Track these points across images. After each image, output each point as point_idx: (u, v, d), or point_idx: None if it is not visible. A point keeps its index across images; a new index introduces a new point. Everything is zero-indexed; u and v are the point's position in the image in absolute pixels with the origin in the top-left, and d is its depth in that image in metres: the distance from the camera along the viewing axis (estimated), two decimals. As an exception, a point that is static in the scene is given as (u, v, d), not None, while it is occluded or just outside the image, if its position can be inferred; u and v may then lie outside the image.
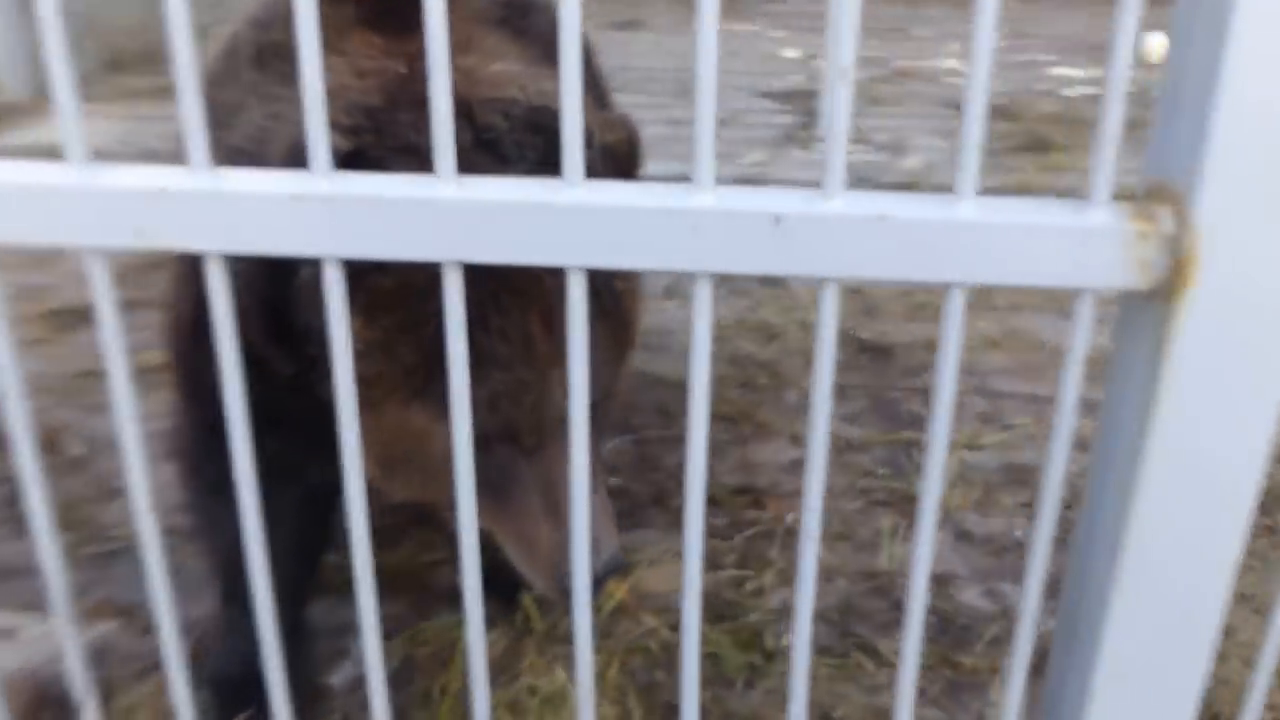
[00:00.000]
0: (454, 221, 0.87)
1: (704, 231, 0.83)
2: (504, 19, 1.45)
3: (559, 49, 0.80)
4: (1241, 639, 1.76)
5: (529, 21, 1.48)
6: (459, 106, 1.28)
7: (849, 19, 0.78)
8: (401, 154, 1.20)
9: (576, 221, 0.85)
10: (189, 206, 0.88)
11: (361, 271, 1.08)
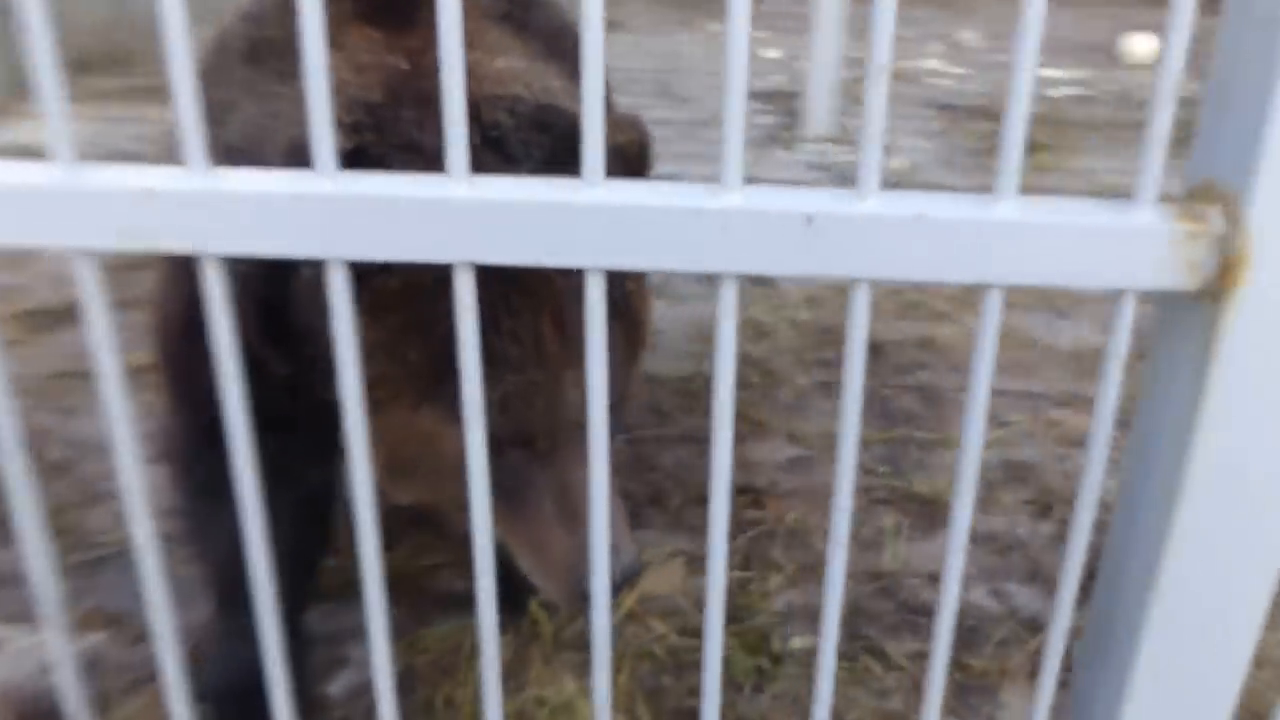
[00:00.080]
0: (466, 222, 0.84)
1: (732, 232, 0.80)
2: (506, 14, 1.42)
3: (581, 46, 0.77)
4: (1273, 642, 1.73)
5: (531, 16, 1.45)
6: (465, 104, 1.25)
7: (883, 15, 0.75)
8: (404, 152, 1.16)
9: (597, 221, 0.82)
10: (186, 206, 0.85)
11: (366, 271, 1.04)
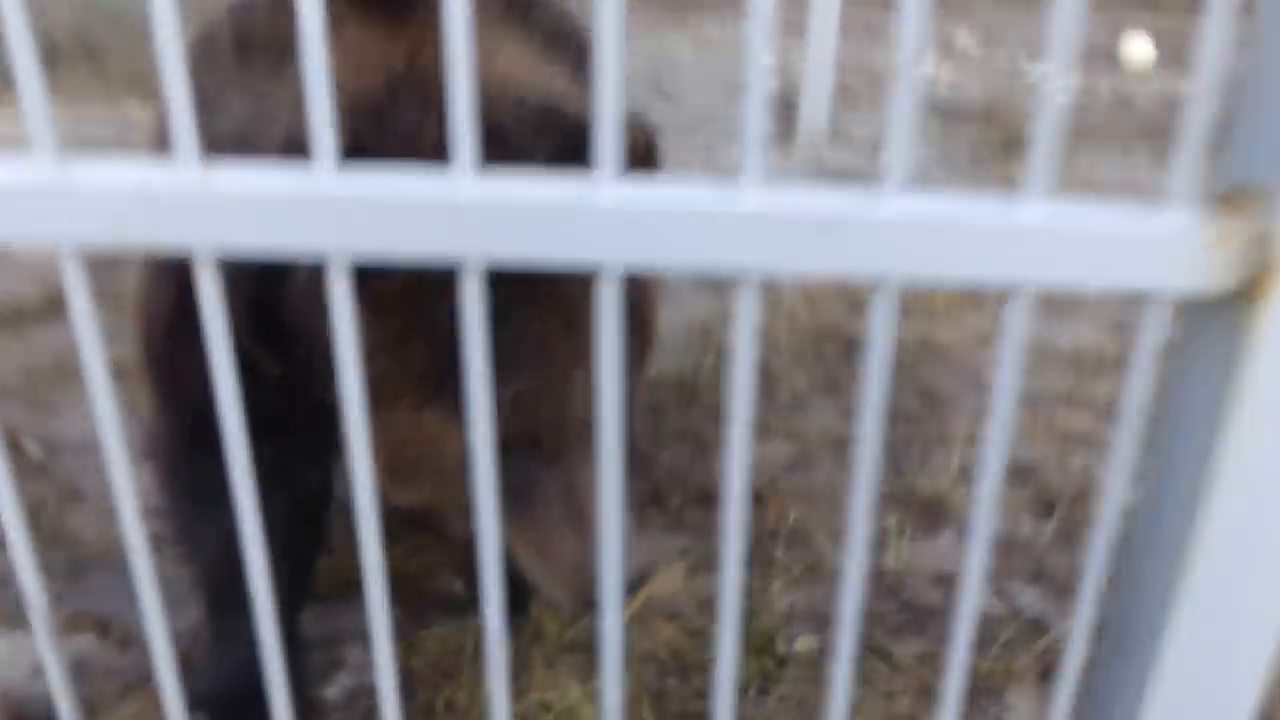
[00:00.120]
0: (476, 221, 0.81)
1: (752, 232, 0.78)
2: (506, 10, 1.39)
3: (596, 41, 0.75)
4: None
5: (532, 13, 1.42)
6: None
7: (910, 12, 0.73)
8: (404, 147, 1.14)
9: (614, 222, 0.80)
10: (181, 203, 0.82)
11: (368, 269, 1.02)
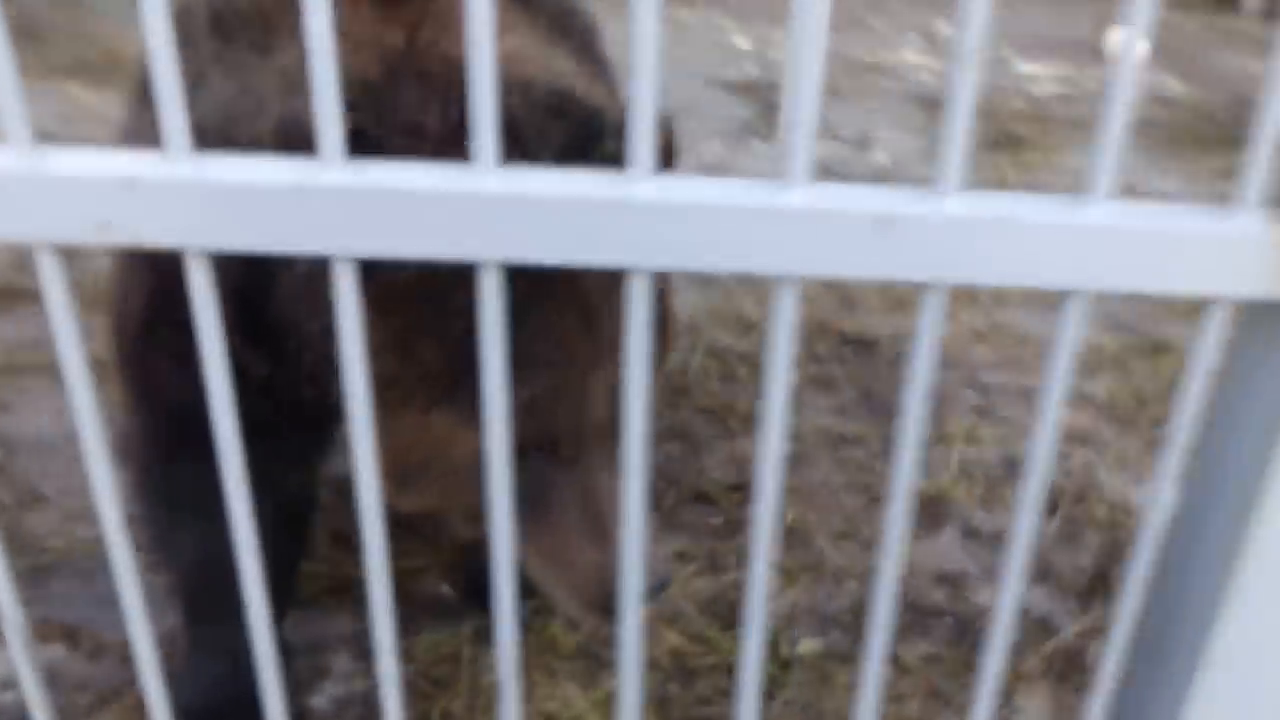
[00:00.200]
0: (497, 218, 0.77)
1: (797, 232, 0.74)
2: None
3: (632, 25, 0.70)
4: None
5: None
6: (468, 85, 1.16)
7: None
8: (405, 134, 1.08)
9: (646, 220, 0.75)
10: (171, 197, 0.77)
11: (373, 262, 0.97)
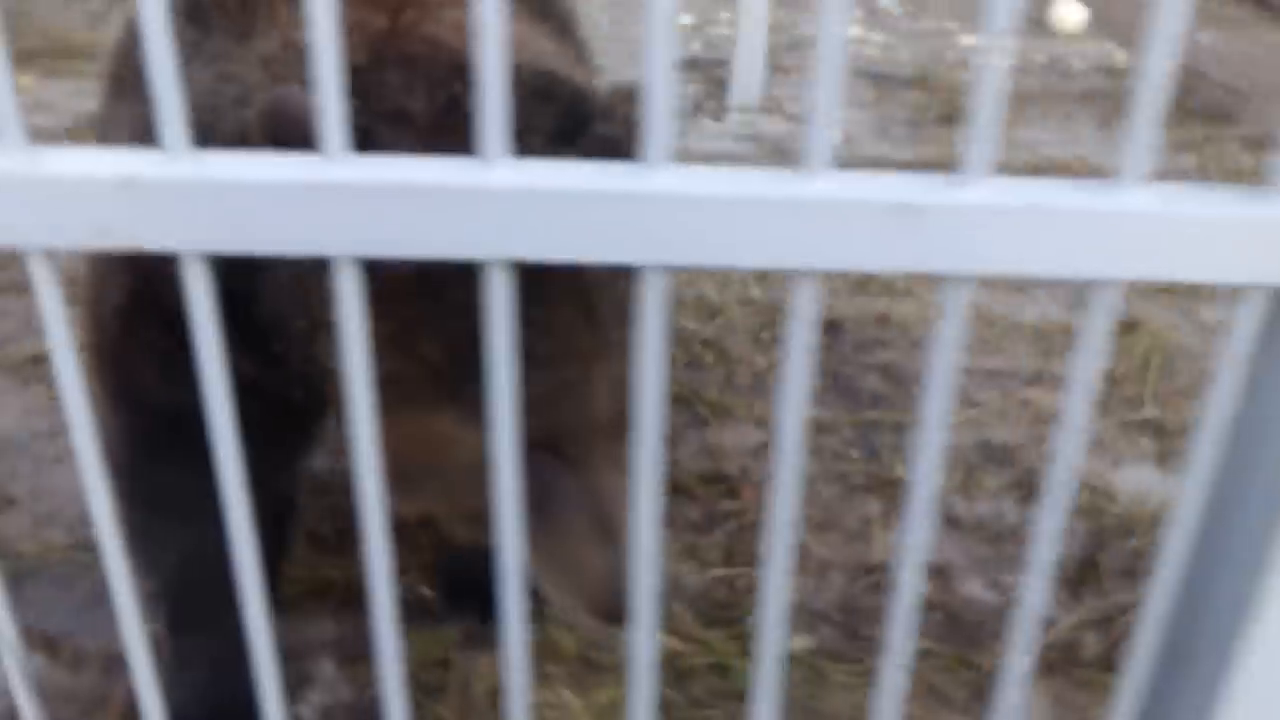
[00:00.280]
0: (506, 214, 0.73)
1: (819, 223, 0.71)
2: None
3: (647, 21, 0.67)
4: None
5: None
6: (457, 66, 1.11)
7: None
8: (392, 121, 1.04)
9: (662, 214, 0.72)
10: (166, 198, 0.73)
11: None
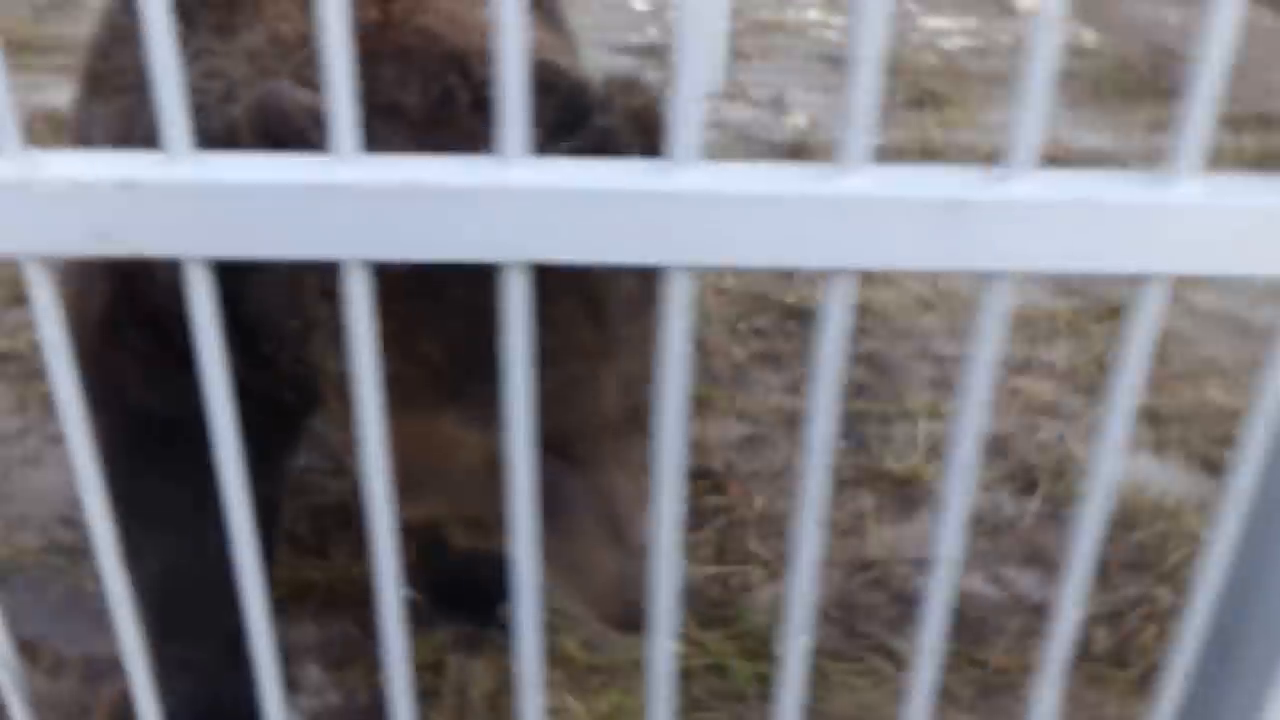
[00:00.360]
0: (526, 215, 0.70)
1: (854, 221, 0.68)
2: None
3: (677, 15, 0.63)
4: None
5: None
6: (452, 58, 1.08)
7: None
8: (386, 115, 1.00)
9: (689, 213, 0.69)
10: (168, 202, 0.69)
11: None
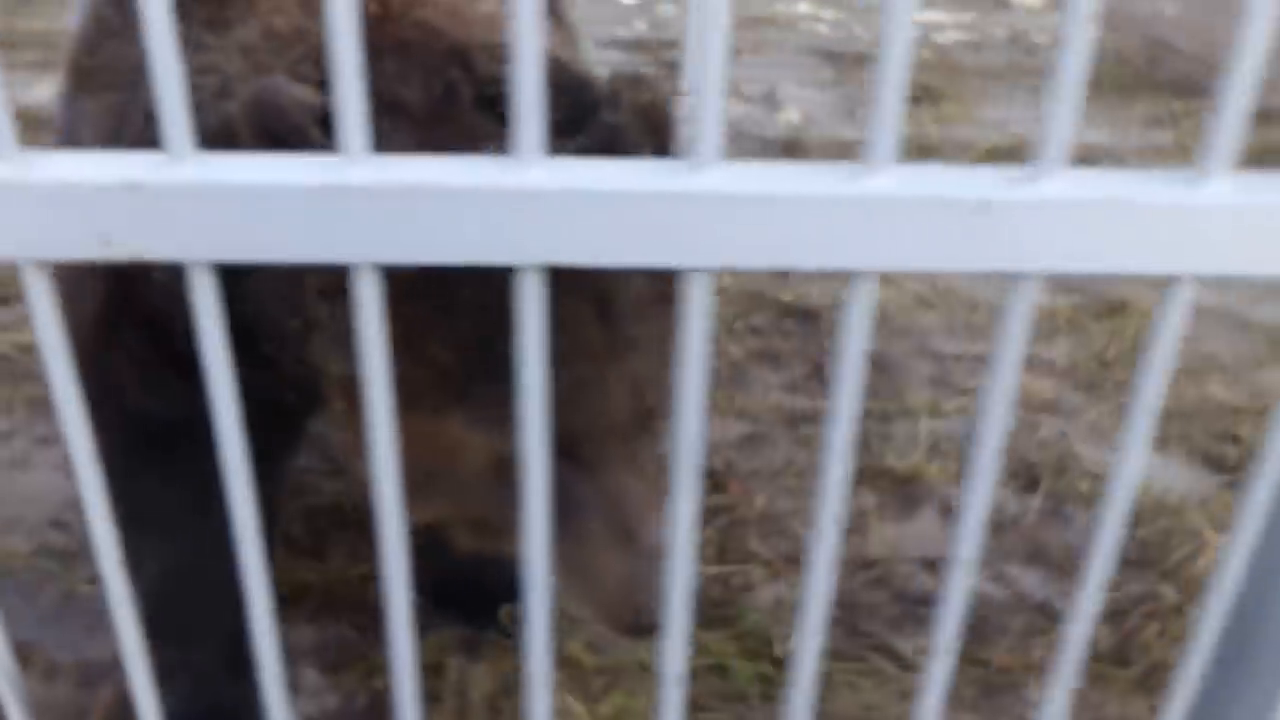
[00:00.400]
0: (542, 216, 0.68)
1: (883, 222, 0.66)
2: None
3: (694, 13, 0.62)
4: None
5: None
6: (453, 53, 1.06)
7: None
8: (387, 111, 0.98)
9: (710, 214, 0.68)
10: (172, 205, 0.67)
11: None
